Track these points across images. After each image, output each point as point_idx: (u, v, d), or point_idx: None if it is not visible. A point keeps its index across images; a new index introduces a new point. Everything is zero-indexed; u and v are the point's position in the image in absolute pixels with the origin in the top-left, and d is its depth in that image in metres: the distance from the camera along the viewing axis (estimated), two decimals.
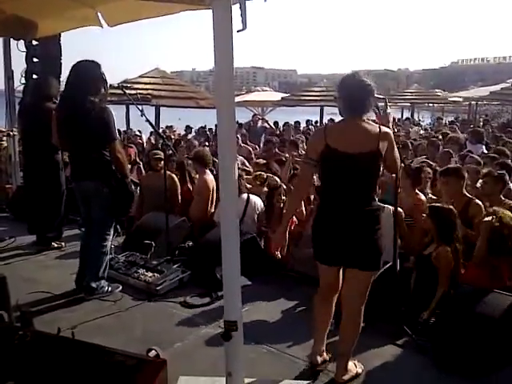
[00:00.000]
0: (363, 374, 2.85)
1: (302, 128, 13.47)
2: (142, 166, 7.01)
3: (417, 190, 4.46)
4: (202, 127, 14.03)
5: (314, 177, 3.21)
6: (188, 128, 13.89)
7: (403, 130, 12.05)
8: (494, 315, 2.89)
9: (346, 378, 2.77)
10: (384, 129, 2.56)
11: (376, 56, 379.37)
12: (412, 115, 21.80)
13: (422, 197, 4.42)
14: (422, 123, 21.80)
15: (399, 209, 4.01)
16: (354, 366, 2.84)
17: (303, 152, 5.90)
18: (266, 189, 5.03)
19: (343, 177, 2.57)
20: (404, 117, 21.52)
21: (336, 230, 2.59)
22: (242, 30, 2.12)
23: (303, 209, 4.69)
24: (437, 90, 24.03)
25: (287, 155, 6.75)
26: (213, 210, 5.32)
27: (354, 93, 2.56)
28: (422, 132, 13.72)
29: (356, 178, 2.54)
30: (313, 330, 2.89)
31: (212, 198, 5.34)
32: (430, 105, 27.18)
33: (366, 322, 2.98)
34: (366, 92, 2.55)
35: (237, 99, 16.15)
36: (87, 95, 3.58)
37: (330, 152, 2.54)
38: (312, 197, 4.67)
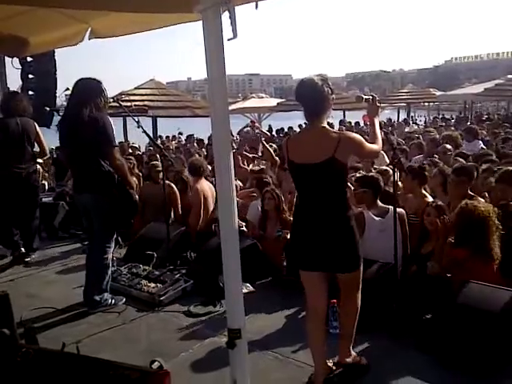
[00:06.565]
0: (367, 374, 2.83)
1: None
2: (141, 177, 7.01)
3: (424, 191, 4.45)
4: (190, 135, 14.24)
5: None
6: (190, 137, 14.01)
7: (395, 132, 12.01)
8: (498, 312, 2.88)
9: (348, 360, 2.81)
10: (343, 134, 2.54)
11: (370, 58, 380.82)
12: (408, 115, 21.88)
13: (430, 198, 4.40)
14: (419, 122, 21.82)
15: (403, 210, 4.02)
16: (359, 357, 2.88)
17: None
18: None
19: (306, 187, 2.63)
20: (401, 117, 21.60)
21: (307, 238, 2.61)
22: (233, 38, 2.14)
23: None
24: (431, 89, 24.08)
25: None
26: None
27: (305, 97, 2.58)
28: (407, 129, 13.72)
29: (317, 188, 2.57)
30: (312, 354, 2.77)
31: (206, 206, 5.36)
32: (426, 104, 27.26)
33: (368, 321, 2.98)
34: (318, 95, 2.54)
35: (233, 107, 16.39)
36: (86, 108, 3.61)
37: (292, 165, 2.64)
38: None
